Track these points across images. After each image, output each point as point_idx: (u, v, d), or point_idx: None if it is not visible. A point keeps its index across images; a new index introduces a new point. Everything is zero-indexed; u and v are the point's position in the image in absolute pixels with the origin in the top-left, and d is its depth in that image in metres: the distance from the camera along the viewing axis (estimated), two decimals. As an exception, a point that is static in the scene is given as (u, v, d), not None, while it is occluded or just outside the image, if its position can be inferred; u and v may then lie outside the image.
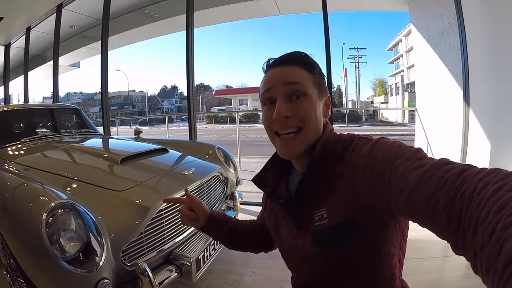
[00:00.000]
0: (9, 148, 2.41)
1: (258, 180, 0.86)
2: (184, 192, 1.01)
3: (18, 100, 9.37)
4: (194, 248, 1.70)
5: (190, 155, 2.44)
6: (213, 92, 47.82)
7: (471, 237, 0.38)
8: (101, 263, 1.26)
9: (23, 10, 5.42)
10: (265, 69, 0.77)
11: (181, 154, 2.45)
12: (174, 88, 62.82)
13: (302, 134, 0.70)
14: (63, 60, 8.14)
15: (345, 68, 38.32)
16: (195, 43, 4.10)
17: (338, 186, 0.67)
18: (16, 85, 8.29)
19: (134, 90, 59.09)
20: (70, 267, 1.19)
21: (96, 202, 1.48)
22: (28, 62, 6.65)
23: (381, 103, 37.15)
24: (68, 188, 1.62)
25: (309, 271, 0.76)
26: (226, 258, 2.28)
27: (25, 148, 2.44)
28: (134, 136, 3.14)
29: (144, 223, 1.49)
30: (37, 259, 1.24)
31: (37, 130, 2.81)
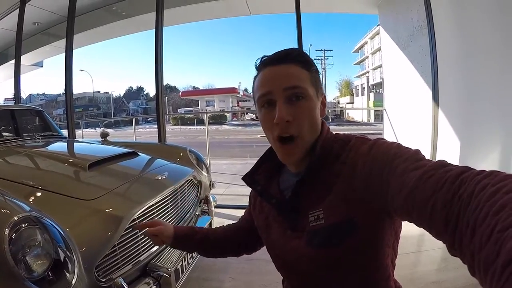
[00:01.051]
0: None
1: (248, 178, 0.85)
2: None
3: None
4: (171, 258, 1.63)
5: (161, 159, 2.35)
6: (180, 93, 47.28)
7: (468, 239, 0.38)
8: (73, 281, 1.15)
9: None
10: (258, 66, 0.74)
11: (151, 157, 2.36)
12: (140, 89, 61.90)
13: (301, 140, 0.70)
14: (25, 59, 7.72)
15: None
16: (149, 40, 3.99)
17: (335, 186, 0.67)
18: None
19: (99, 91, 57.51)
20: (38, 288, 1.08)
21: (63, 213, 1.36)
22: None
23: (347, 103, 38.35)
24: (32, 198, 1.48)
25: (302, 272, 0.75)
26: (203, 265, 2.21)
27: None
28: (101, 139, 2.97)
29: (118, 235, 1.39)
30: (1, 281, 1.12)
31: None
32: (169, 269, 1.51)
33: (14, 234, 1.10)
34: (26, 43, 6.40)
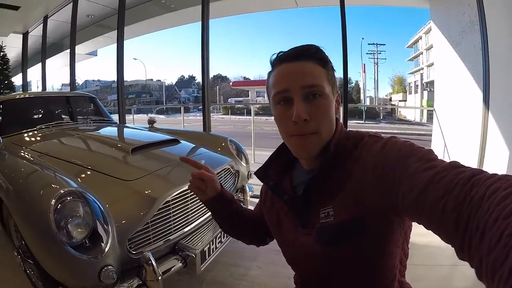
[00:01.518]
0: (25, 135, 2.46)
1: (261, 173, 0.85)
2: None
3: (37, 87, 9.58)
4: (200, 240, 1.71)
5: (202, 147, 2.44)
6: (230, 83, 47.85)
7: (477, 242, 0.38)
8: (106, 250, 1.28)
9: (37, 2, 5.50)
10: (274, 62, 0.73)
11: (193, 145, 2.46)
12: (192, 78, 63.00)
13: (318, 136, 0.69)
14: (80, 49, 8.31)
15: (364, 64, 37.62)
16: (213, 34, 4.10)
17: (346, 184, 0.66)
18: (34, 73, 8.47)
19: (152, 79, 59.56)
20: (76, 252, 1.22)
21: (105, 191, 1.50)
22: (46, 50, 6.77)
23: (399, 101, 36.49)
24: (80, 176, 1.65)
25: (311, 268, 0.76)
26: (232, 251, 2.28)
27: (40, 135, 2.49)
28: (148, 126, 3.15)
29: (151, 214, 1.50)
30: (45, 244, 1.27)
31: (53, 117, 2.85)
32: (197, 250, 1.59)
33: (59, 205, 1.26)
34: (81, 34, 6.88)
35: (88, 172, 1.70)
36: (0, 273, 2.11)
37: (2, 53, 6.78)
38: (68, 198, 1.29)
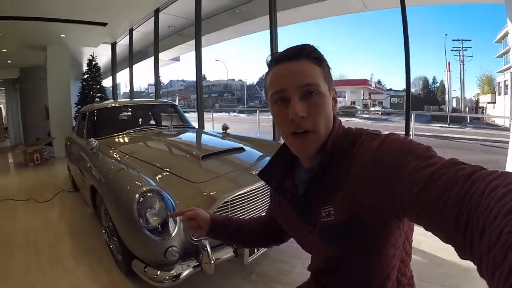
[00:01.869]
0: (115, 138, 3.04)
1: (264, 174, 0.87)
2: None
3: (126, 86, 10.89)
4: None
5: (268, 155, 2.56)
6: None
7: (478, 239, 0.38)
8: (173, 234, 1.67)
9: (124, 16, 6.25)
10: (270, 63, 0.75)
11: (259, 154, 2.71)
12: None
13: (316, 134, 0.70)
14: (164, 55, 9.24)
15: (449, 62, 33.46)
16: (291, 36, 4.23)
17: (344, 182, 0.67)
18: (123, 75, 9.78)
19: (234, 79, 61.12)
20: (151, 234, 1.63)
21: (177, 190, 1.89)
22: (132, 58, 7.69)
23: (488, 102, 31.49)
24: (158, 176, 2.08)
25: (321, 260, 0.82)
26: (282, 247, 2.46)
27: (128, 138, 3.05)
28: (222, 132, 3.52)
29: (211, 211, 1.83)
30: (129, 226, 1.72)
31: (139, 123, 3.45)
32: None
33: (141, 198, 1.67)
34: (164, 43, 7.73)
35: (165, 173, 2.12)
36: (89, 245, 2.77)
37: (94, 62, 7.89)
38: (148, 194, 1.70)
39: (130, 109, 3.69)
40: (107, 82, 9.62)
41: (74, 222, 3.48)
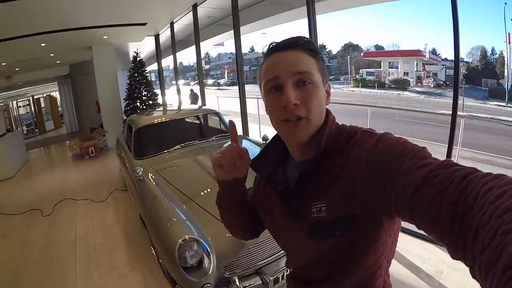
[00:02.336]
0: (160, 157, 3.25)
1: (255, 164, 0.83)
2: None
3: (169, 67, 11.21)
4: (277, 267, 2.15)
5: None
6: (361, 54, 44.84)
7: (471, 240, 0.39)
8: (209, 272, 1.90)
9: (162, 15, 6.44)
10: (266, 52, 0.74)
11: None
12: (322, 47, 60.90)
13: (308, 122, 0.69)
14: (208, 42, 9.43)
15: (508, 33, 30.04)
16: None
17: (338, 179, 0.67)
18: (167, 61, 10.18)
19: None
20: (187, 275, 1.87)
21: (210, 228, 2.07)
22: (175, 48, 7.89)
23: None
24: (193, 210, 2.28)
25: (302, 257, 0.80)
26: None
27: (170, 158, 3.24)
28: (262, 142, 3.53)
29: (243, 251, 2.02)
30: (169, 260, 1.96)
31: (183, 136, 3.55)
32: (271, 277, 2.07)
33: (182, 243, 1.91)
34: (206, 32, 8.00)
35: (198, 208, 2.30)
36: (141, 252, 3.12)
37: (138, 58, 8.18)
38: (188, 240, 1.93)
39: (174, 123, 3.82)
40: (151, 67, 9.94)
41: (128, 226, 3.85)
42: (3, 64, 7.71)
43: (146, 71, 8.40)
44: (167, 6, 5.85)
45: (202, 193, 2.57)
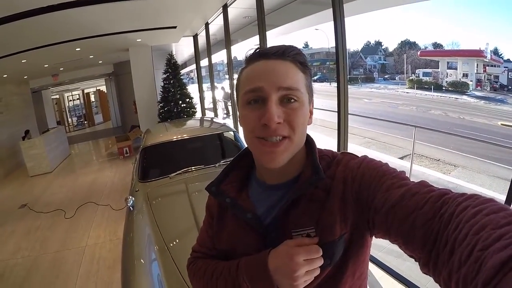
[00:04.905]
0: (158, 183, 2.99)
1: (214, 189, 0.76)
2: None
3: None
4: None
5: None
6: (418, 53, 42.46)
7: (446, 258, 0.40)
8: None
9: (192, 18, 6.31)
10: (250, 57, 0.67)
11: None
12: (378, 43, 59.25)
13: (290, 143, 0.63)
14: (248, 41, 9.27)
15: None
16: None
17: (327, 202, 0.63)
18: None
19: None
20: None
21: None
22: (210, 49, 7.77)
23: None
24: (163, 261, 2.01)
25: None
26: None
27: (168, 186, 2.94)
28: None
29: None
30: None
31: (185, 163, 3.19)
32: None
33: None
34: (244, 31, 7.98)
35: (171, 265, 1.99)
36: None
37: (173, 61, 8.13)
38: None
39: (182, 143, 3.48)
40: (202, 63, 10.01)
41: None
42: (45, 66, 8.12)
43: (180, 74, 8.38)
44: (195, 10, 5.76)
45: (179, 241, 2.26)
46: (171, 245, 2.17)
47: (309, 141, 0.71)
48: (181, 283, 1.85)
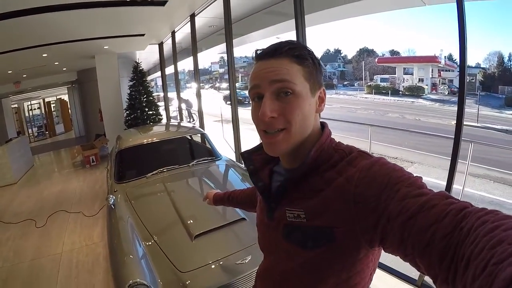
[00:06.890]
0: (136, 182, 3.14)
1: (246, 155, 0.85)
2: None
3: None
4: None
5: None
6: (376, 60, 44.00)
7: (462, 272, 0.39)
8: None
9: (160, 26, 6.39)
10: (254, 59, 0.74)
11: None
12: (337, 52, 60.52)
13: (286, 134, 0.68)
14: (214, 49, 9.40)
15: None
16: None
17: (323, 192, 0.66)
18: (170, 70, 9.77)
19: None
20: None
21: (163, 273, 1.95)
22: (176, 57, 7.84)
23: None
24: (150, 249, 2.15)
25: (275, 260, 0.80)
26: None
27: (145, 182, 3.12)
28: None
29: None
30: None
31: (160, 163, 3.38)
32: None
33: (132, 284, 1.78)
34: (209, 40, 8.09)
35: (156, 250, 2.14)
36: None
37: (140, 68, 8.19)
38: (138, 284, 1.79)
39: (156, 145, 3.68)
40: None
41: (111, 245, 3.89)
42: (9, 72, 7.89)
43: (147, 81, 8.42)
44: (164, 18, 5.85)
45: (165, 232, 2.40)
46: (158, 237, 2.30)
47: (322, 130, 0.74)
48: (172, 270, 1.98)
